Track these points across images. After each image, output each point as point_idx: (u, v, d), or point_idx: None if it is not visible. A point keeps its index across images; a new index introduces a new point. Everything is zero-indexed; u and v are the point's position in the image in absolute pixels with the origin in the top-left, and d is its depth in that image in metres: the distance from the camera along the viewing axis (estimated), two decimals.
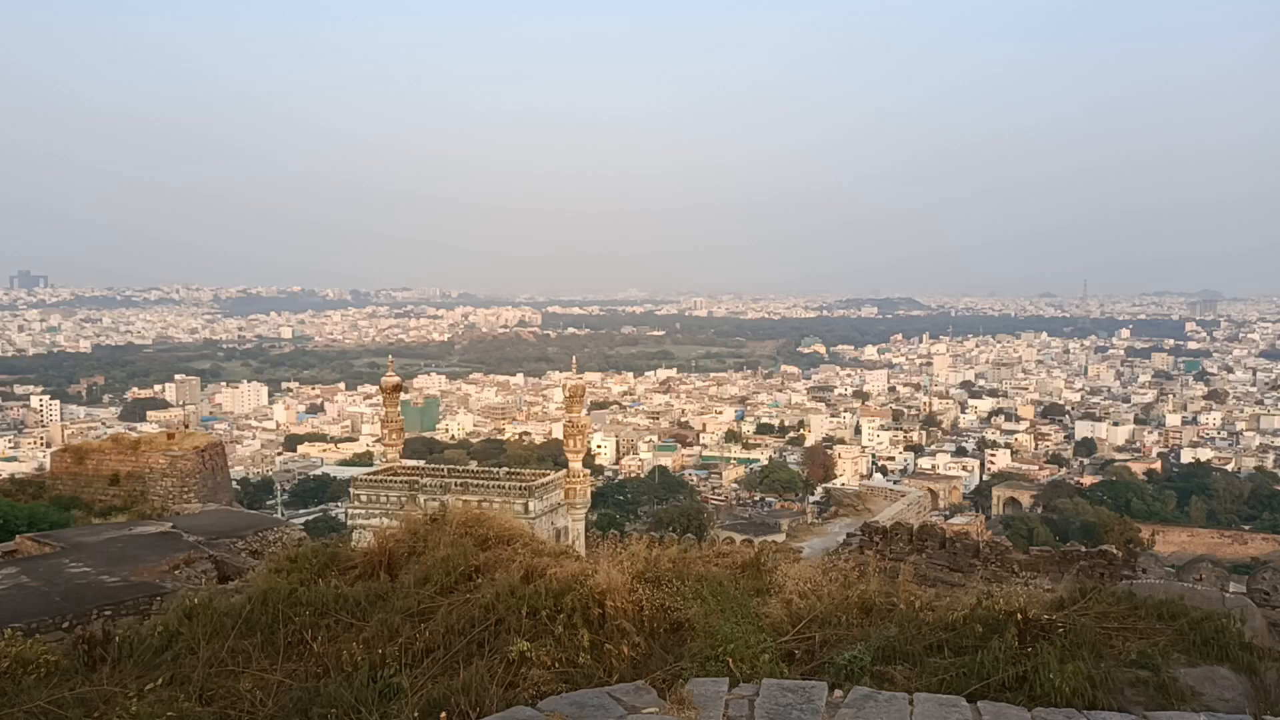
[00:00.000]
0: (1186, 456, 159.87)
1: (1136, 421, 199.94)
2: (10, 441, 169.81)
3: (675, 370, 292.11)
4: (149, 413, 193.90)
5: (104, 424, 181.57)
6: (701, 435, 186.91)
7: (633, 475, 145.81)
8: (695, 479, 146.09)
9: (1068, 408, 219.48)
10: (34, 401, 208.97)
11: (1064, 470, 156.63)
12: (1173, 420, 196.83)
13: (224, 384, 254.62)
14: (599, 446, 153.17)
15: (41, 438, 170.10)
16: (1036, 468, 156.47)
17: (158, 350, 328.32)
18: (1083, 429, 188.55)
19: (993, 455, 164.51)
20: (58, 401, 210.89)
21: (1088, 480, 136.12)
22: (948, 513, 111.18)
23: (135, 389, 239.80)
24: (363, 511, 26.30)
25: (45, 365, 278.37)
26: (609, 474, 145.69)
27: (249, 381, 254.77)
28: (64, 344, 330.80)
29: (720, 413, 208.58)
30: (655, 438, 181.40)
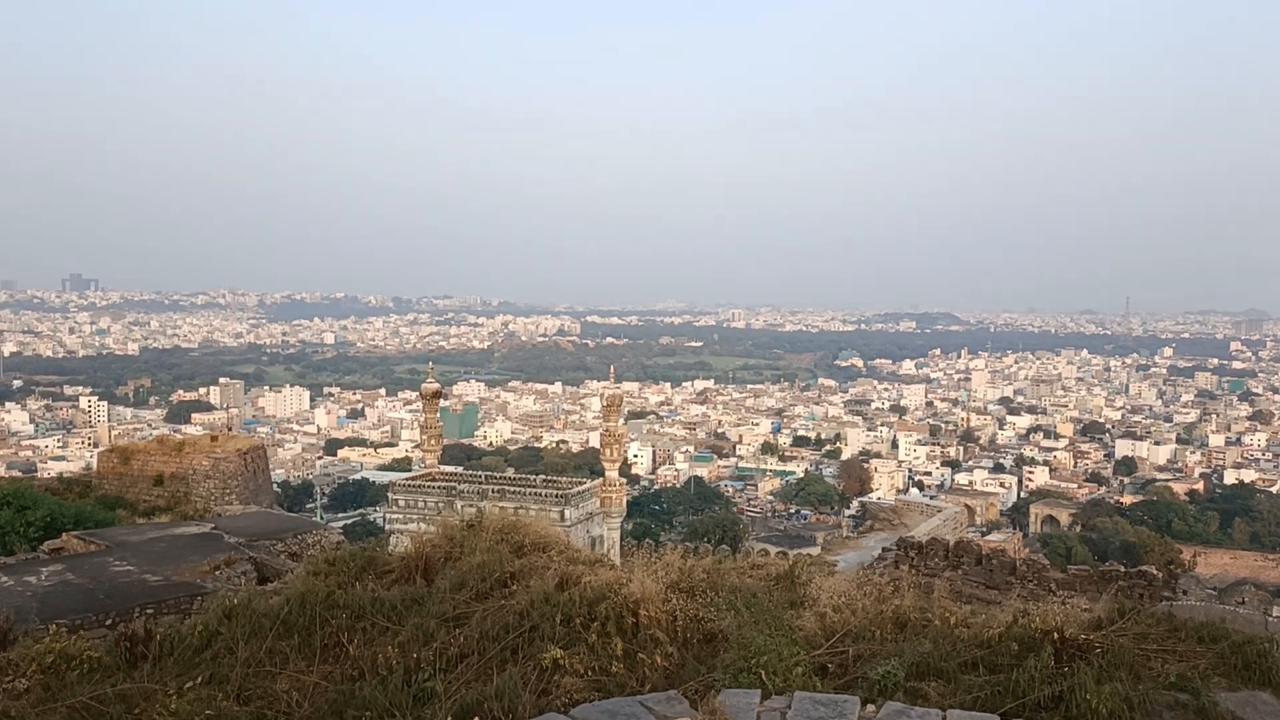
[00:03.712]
0: (1230, 477, 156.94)
1: (1179, 441, 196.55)
2: (59, 441, 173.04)
3: (712, 381, 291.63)
4: (193, 415, 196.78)
5: (150, 425, 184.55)
6: (738, 446, 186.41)
7: (668, 485, 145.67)
8: (731, 490, 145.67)
9: (1108, 426, 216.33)
10: (83, 402, 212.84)
11: (1104, 489, 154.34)
12: (1216, 440, 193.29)
13: (267, 388, 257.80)
14: (635, 456, 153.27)
15: (89, 438, 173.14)
16: (1075, 486, 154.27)
17: (203, 354, 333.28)
18: (1123, 447, 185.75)
19: (1031, 472, 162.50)
20: (105, 403, 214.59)
21: (1128, 500, 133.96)
22: (985, 529, 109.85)
23: (181, 391, 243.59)
24: (400, 516, 26.53)
25: (94, 367, 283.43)
26: (645, 483, 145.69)
27: (291, 386, 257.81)
28: (113, 346, 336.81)
29: (757, 424, 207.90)
30: (691, 448, 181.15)
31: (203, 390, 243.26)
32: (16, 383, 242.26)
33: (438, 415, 30.15)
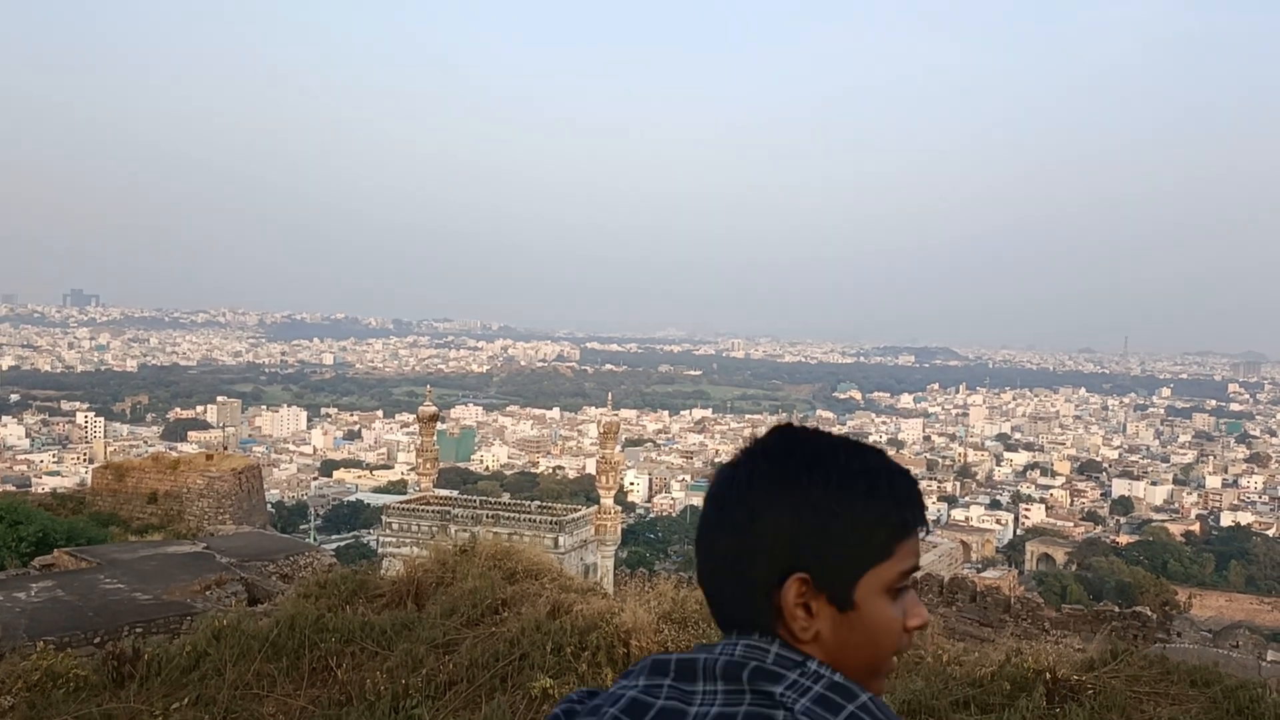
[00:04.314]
0: (1226, 519, 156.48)
1: (1175, 482, 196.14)
2: (55, 456, 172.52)
3: (710, 410, 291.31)
4: (190, 433, 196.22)
5: (146, 443, 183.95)
6: None
7: (664, 514, 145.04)
8: None
9: (1105, 465, 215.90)
10: (79, 418, 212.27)
11: (1100, 528, 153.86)
12: (1213, 482, 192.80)
13: (264, 407, 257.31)
14: (631, 483, 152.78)
15: (85, 454, 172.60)
16: (1072, 524, 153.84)
17: (202, 372, 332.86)
18: (1120, 487, 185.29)
19: (1027, 510, 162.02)
20: (102, 419, 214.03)
21: (1124, 539, 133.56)
22: (980, 566, 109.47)
23: (178, 409, 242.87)
24: (394, 539, 26.44)
25: (92, 383, 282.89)
26: (641, 511, 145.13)
27: (289, 406, 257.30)
28: (111, 362, 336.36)
29: None
30: (688, 477, 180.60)
31: (200, 408, 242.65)
32: (14, 397, 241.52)
33: (434, 439, 30.12)
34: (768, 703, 1.62)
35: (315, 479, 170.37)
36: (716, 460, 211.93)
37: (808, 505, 1.74)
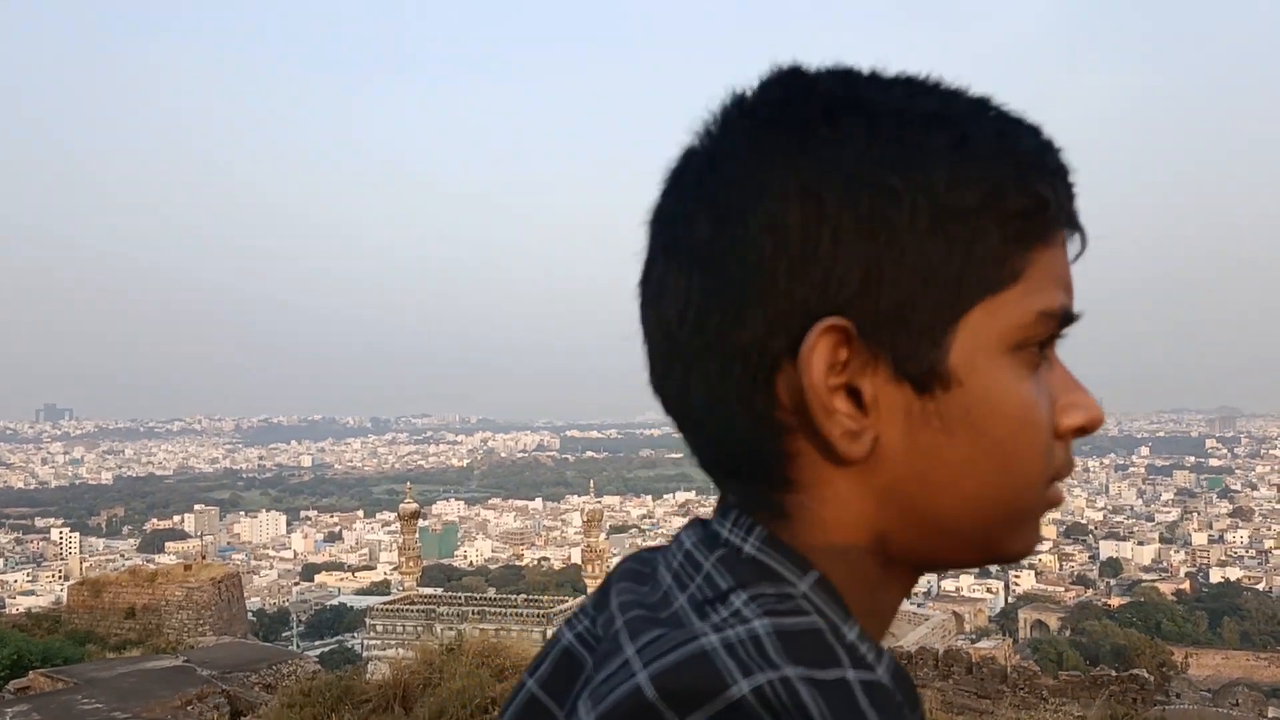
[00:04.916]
0: (1215, 576, 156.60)
1: (1162, 540, 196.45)
2: (29, 575, 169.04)
3: (694, 493, 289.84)
4: (167, 544, 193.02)
5: (122, 556, 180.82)
6: None
7: None
8: None
9: (1090, 527, 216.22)
10: (54, 534, 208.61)
11: (1091, 591, 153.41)
12: (1199, 539, 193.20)
13: (243, 513, 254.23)
14: None
15: (60, 571, 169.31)
16: (1063, 589, 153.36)
17: (178, 481, 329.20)
18: (1107, 548, 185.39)
19: (1017, 576, 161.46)
20: (77, 534, 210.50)
21: (1115, 601, 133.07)
22: (974, 636, 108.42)
23: (155, 520, 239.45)
24: (379, 642, 26.02)
25: (67, 498, 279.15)
26: None
27: (267, 510, 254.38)
28: (86, 476, 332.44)
29: None
30: None
31: (177, 518, 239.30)
32: None
33: (416, 536, 29.88)
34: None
35: (296, 584, 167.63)
36: None
37: (836, 178, 0.74)
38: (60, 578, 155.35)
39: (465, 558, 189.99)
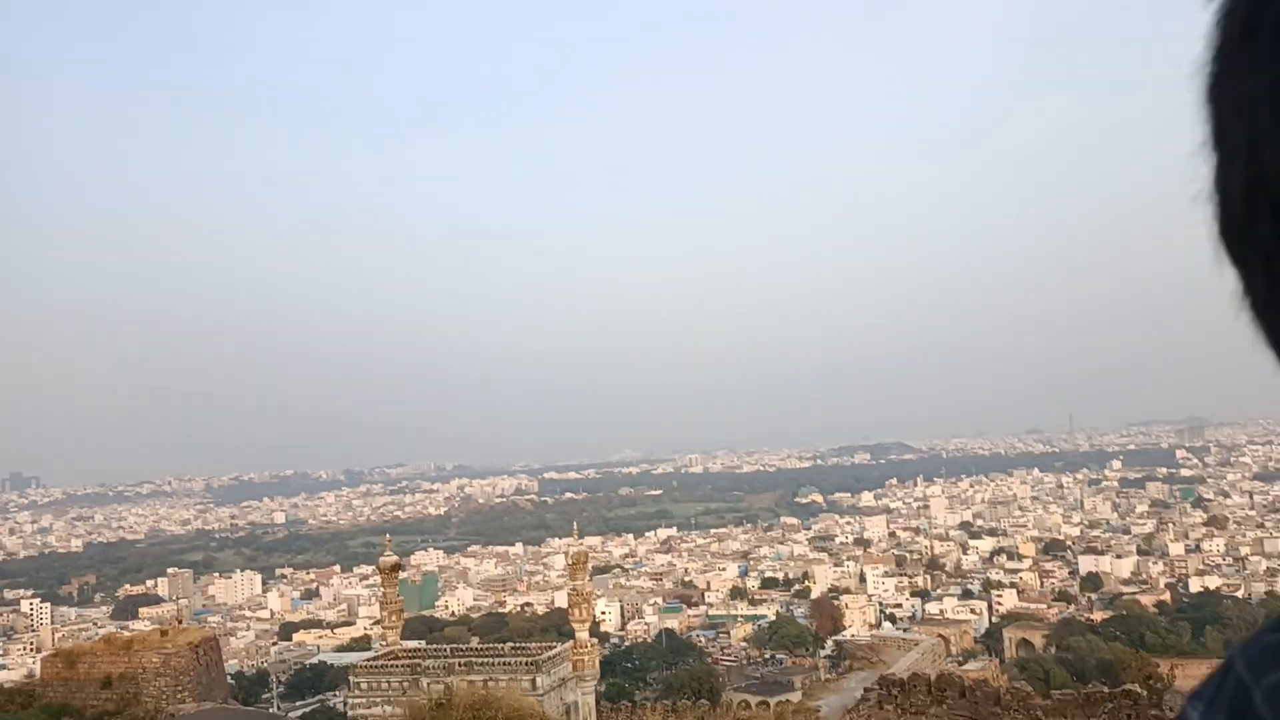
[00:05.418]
0: (1195, 585, 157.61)
1: (1139, 553, 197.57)
2: (0, 649, 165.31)
3: (675, 529, 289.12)
4: (141, 609, 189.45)
5: (95, 624, 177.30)
6: (706, 594, 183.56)
7: (639, 640, 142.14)
8: (703, 640, 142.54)
9: (1068, 543, 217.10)
10: (24, 605, 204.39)
11: (1073, 607, 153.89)
12: (1176, 549, 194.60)
13: (217, 575, 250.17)
14: (603, 613, 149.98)
15: (32, 643, 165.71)
16: (1045, 606, 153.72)
17: (150, 544, 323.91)
18: (1086, 563, 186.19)
19: (999, 596, 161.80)
20: (49, 604, 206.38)
21: (1098, 616, 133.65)
22: (961, 659, 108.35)
23: (128, 586, 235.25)
24: (363, 700, 25.50)
25: (36, 567, 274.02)
26: (615, 640, 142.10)
27: (242, 570, 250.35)
28: (55, 544, 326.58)
29: (724, 569, 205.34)
30: (660, 599, 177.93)
31: (150, 583, 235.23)
32: None
33: (397, 589, 29.43)
34: None
35: (274, 644, 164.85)
36: (686, 579, 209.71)
37: None
38: (33, 650, 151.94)
39: (447, 607, 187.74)
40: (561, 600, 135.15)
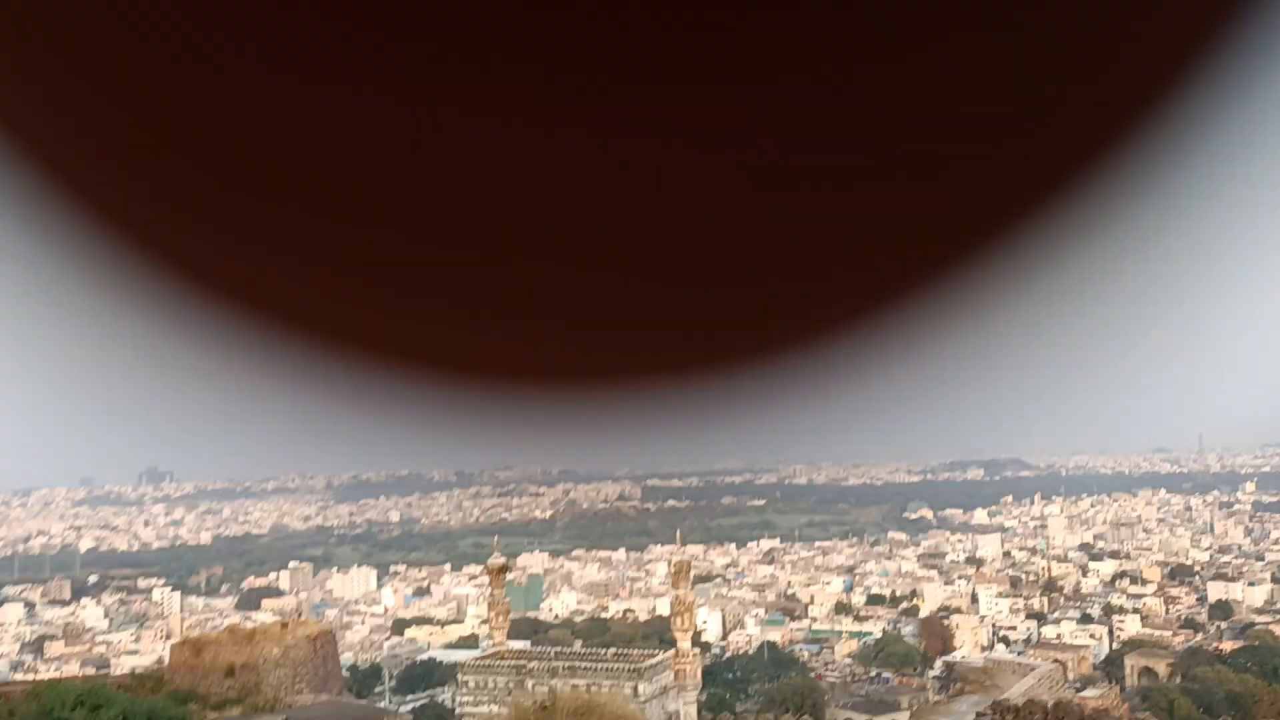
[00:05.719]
0: None
1: (1274, 580, 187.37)
2: (133, 635, 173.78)
3: (778, 540, 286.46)
4: (264, 600, 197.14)
5: (220, 614, 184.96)
6: (809, 607, 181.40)
7: (740, 651, 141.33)
8: (806, 654, 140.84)
9: (1196, 568, 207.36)
10: (155, 594, 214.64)
11: (1200, 635, 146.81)
12: None
13: (335, 569, 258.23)
14: (704, 622, 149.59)
15: (162, 630, 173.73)
16: (1170, 634, 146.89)
17: (273, 539, 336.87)
18: (1215, 590, 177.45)
19: (1120, 621, 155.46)
20: (178, 593, 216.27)
21: (1228, 645, 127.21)
22: (1079, 685, 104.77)
23: (252, 577, 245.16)
24: (471, 699, 26.15)
25: (168, 558, 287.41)
26: (716, 651, 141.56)
27: (358, 566, 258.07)
28: (186, 537, 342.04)
29: (828, 583, 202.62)
30: (762, 611, 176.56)
31: (273, 575, 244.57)
32: (93, 578, 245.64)
33: (504, 590, 30.04)
34: None
35: (387, 639, 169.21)
36: (789, 592, 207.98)
37: None
38: (162, 637, 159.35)
39: (551, 610, 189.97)
40: (662, 607, 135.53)
